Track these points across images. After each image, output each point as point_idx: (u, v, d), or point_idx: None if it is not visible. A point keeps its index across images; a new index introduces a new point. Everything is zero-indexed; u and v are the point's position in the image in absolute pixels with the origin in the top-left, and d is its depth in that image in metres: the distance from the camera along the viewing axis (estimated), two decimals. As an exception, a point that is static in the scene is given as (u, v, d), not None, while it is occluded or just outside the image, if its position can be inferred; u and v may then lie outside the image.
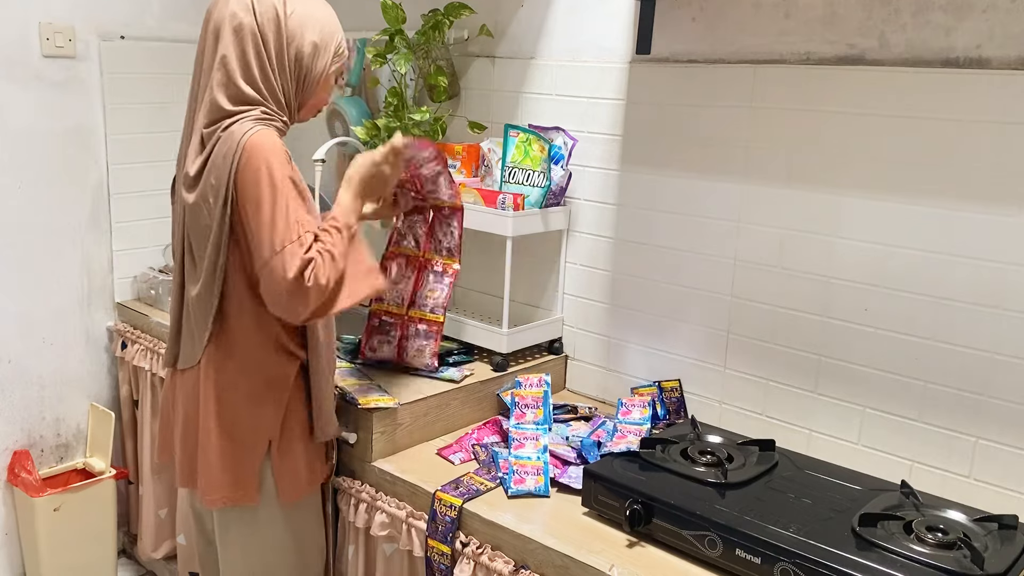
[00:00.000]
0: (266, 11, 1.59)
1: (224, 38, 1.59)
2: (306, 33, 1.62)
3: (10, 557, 2.70)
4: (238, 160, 1.53)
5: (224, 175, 1.54)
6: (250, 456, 1.68)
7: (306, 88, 1.67)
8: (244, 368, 1.67)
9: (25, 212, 2.57)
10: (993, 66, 1.60)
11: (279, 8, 1.60)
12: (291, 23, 1.61)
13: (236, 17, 1.58)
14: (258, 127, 1.56)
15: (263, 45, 1.59)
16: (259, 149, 1.53)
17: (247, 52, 1.59)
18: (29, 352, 2.65)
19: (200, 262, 1.63)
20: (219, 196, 1.56)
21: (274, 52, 1.61)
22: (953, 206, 1.66)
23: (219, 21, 1.60)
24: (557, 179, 2.16)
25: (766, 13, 1.87)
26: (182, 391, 1.74)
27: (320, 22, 1.65)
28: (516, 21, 2.34)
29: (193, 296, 1.66)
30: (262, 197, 1.52)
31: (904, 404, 1.76)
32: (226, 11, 1.59)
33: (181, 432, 1.75)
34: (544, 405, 1.97)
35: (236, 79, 1.58)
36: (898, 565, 1.39)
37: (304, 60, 1.64)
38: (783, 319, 1.91)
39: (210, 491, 1.69)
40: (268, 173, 1.52)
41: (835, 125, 1.78)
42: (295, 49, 1.62)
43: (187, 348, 1.72)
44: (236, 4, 1.59)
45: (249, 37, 1.58)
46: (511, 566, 1.60)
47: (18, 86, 2.51)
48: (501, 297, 2.17)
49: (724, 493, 1.61)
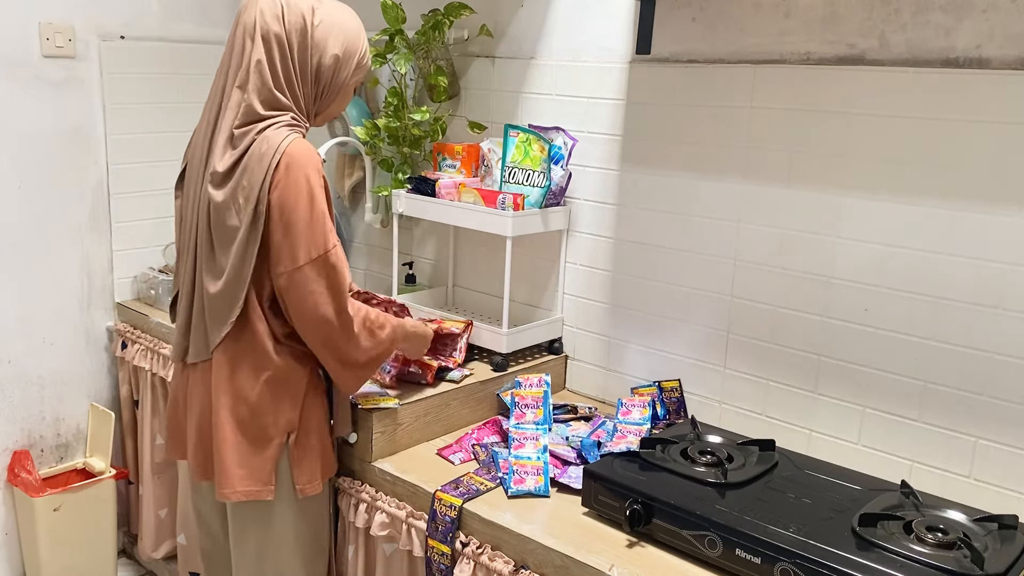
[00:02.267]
0: (295, 20, 1.63)
1: (256, 43, 1.62)
2: (329, 45, 1.66)
3: (10, 557, 2.70)
4: (275, 166, 1.57)
5: (259, 179, 1.58)
6: (268, 450, 1.69)
7: (325, 97, 1.71)
8: (262, 364, 1.68)
9: (25, 212, 2.57)
10: (993, 66, 1.60)
11: (307, 17, 1.63)
12: (317, 34, 1.64)
13: (267, 23, 1.61)
14: (293, 135, 1.61)
15: (289, 54, 1.63)
16: (299, 162, 1.59)
17: (275, 59, 1.62)
18: (29, 352, 2.65)
19: (224, 260, 1.64)
20: (251, 198, 1.58)
21: (298, 61, 1.64)
22: (953, 206, 1.66)
23: (251, 24, 1.62)
24: (557, 179, 2.16)
25: (766, 13, 1.87)
26: (195, 385, 1.74)
27: (345, 34, 1.68)
28: (516, 21, 2.34)
29: (213, 292, 1.66)
30: (299, 207, 1.58)
31: (904, 404, 1.76)
32: (258, 17, 1.62)
33: (196, 425, 1.75)
34: (544, 405, 1.97)
35: (269, 84, 1.62)
36: (898, 565, 1.39)
37: (324, 72, 1.67)
38: (783, 319, 1.91)
39: (227, 484, 1.69)
40: (308, 189, 1.59)
41: (835, 125, 1.78)
42: (317, 60, 1.66)
43: (198, 340, 1.72)
44: (268, 11, 1.62)
45: (276, 44, 1.62)
46: (511, 566, 1.60)
47: (18, 86, 2.51)
48: (501, 297, 2.17)
49: (724, 493, 1.61)
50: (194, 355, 1.73)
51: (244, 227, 1.60)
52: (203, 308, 1.70)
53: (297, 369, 1.71)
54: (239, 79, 1.63)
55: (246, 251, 1.61)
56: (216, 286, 1.65)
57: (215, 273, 1.66)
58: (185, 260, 1.75)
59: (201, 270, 1.69)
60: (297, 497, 1.74)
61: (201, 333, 1.71)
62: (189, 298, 1.74)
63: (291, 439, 1.71)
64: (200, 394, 1.73)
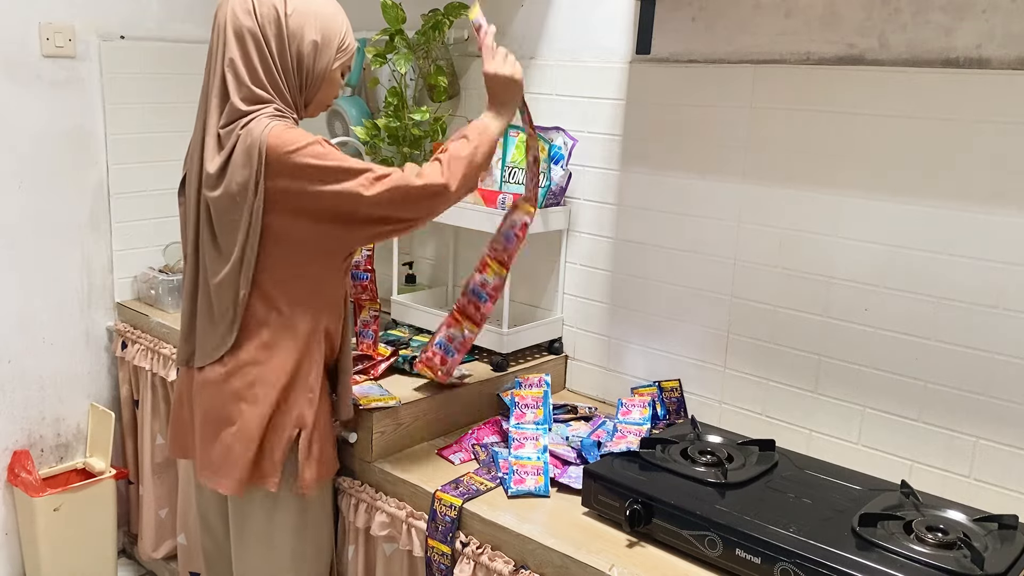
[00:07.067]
0: (267, 12, 1.61)
1: (229, 41, 1.61)
2: (306, 32, 1.63)
3: (10, 557, 2.70)
4: (265, 160, 1.56)
5: (250, 173, 1.57)
6: (276, 447, 1.69)
7: (310, 86, 1.69)
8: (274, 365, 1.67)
9: (25, 212, 2.57)
10: (993, 66, 1.60)
11: (279, 8, 1.61)
12: (291, 23, 1.62)
13: (238, 20, 1.60)
14: (274, 122, 1.59)
15: (265, 46, 1.61)
16: (281, 139, 1.56)
17: (251, 55, 1.61)
18: (29, 352, 2.65)
19: (228, 249, 1.64)
20: (245, 192, 1.58)
21: (276, 53, 1.62)
22: (953, 206, 1.66)
23: (223, 23, 1.62)
24: (557, 179, 2.16)
25: (766, 13, 1.87)
26: (200, 387, 1.73)
27: (322, 19, 1.65)
28: (516, 21, 2.34)
29: (216, 283, 1.66)
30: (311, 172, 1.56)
31: (904, 404, 1.76)
32: (229, 14, 1.61)
33: (200, 427, 1.74)
34: (544, 405, 1.96)
35: (246, 81, 1.61)
36: (898, 565, 1.39)
37: (305, 59, 1.65)
38: (783, 319, 1.91)
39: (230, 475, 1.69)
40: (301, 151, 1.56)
41: (835, 125, 1.78)
42: (295, 48, 1.63)
43: (205, 342, 1.71)
44: (239, 7, 1.61)
45: (251, 39, 1.60)
46: (511, 566, 1.60)
47: (18, 86, 2.51)
48: (501, 297, 2.17)
49: (724, 493, 1.61)
50: (201, 358, 1.72)
51: (244, 220, 1.59)
52: (208, 309, 1.70)
53: (308, 368, 1.70)
54: (218, 80, 1.62)
55: (246, 241, 1.60)
56: (220, 275, 1.65)
57: (219, 263, 1.66)
58: (188, 264, 1.75)
59: (205, 270, 1.69)
60: (299, 496, 1.74)
61: (208, 335, 1.71)
62: (191, 302, 1.74)
63: (300, 437, 1.71)
64: (207, 395, 1.72)
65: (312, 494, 1.76)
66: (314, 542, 1.82)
